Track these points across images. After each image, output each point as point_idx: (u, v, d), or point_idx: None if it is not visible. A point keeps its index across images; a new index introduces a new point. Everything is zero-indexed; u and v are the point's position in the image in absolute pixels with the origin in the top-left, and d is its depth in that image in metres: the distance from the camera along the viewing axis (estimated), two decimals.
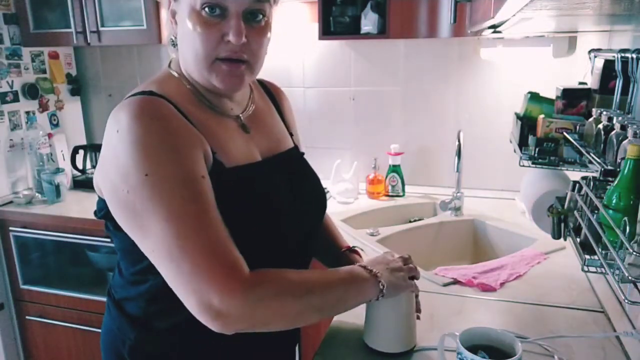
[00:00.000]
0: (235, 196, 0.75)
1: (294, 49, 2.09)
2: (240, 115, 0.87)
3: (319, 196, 0.96)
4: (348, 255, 1.01)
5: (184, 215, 0.66)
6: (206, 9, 0.73)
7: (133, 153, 0.67)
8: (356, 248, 1.04)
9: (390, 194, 1.95)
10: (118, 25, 1.96)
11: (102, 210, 0.77)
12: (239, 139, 0.83)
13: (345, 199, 1.92)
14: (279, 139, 0.94)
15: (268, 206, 0.80)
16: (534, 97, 1.35)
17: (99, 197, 0.79)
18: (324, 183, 2.03)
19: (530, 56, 1.78)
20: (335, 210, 1.80)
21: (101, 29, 1.97)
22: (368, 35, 1.75)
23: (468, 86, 1.92)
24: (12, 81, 2.07)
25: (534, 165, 1.14)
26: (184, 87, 0.81)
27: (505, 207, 1.78)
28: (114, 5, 1.95)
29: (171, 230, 0.66)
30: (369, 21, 1.73)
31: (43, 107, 2.22)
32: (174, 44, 0.82)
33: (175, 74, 0.82)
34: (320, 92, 2.12)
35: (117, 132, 0.68)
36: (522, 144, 1.28)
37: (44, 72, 2.22)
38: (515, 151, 1.30)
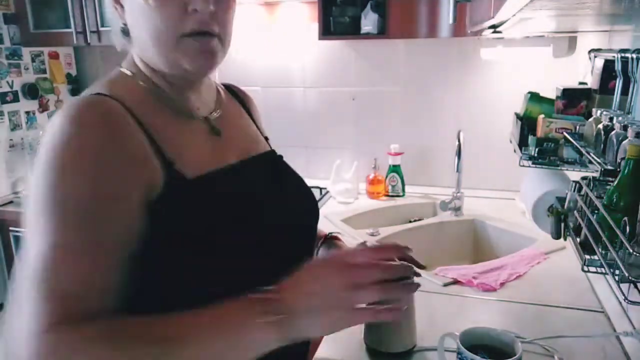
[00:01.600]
0: (204, 208, 0.65)
1: (294, 48, 2.09)
2: (209, 117, 0.76)
3: (306, 195, 0.86)
4: (330, 241, 0.92)
5: (71, 244, 0.56)
6: None
7: (48, 161, 0.58)
8: (335, 234, 0.94)
9: (390, 194, 1.95)
10: None
11: None
12: (206, 144, 0.73)
13: (345, 199, 1.92)
14: (256, 141, 0.86)
15: (250, 210, 0.70)
16: (534, 97, 1.35)
17: None
18: (324, 183, 2.04)
19: (531, 56, 1.78)
20: (335, 210, 1.80)
21: (101, 29, 1.97)
22: (368, 36, 1.75)
23: (468, 86, 1.92)
24: (12, 81, 2.07)
25: (534, 165, 1.14)
26: (140, 86, 0.70)
27: (506, 207, 1.78)
28: None
29: (51, 255, 0.55)
30: (369, 21, 1.73)
31: (43, 107, 2.23)
32: (126, 33, 0.70)
33: (129, 72, 0.71)
34: (321, 92, 2.12)
35: (45, 138, 0.60)
36: (522, 144, 1.28)
37: (44, 72, 2.23)
38: (515, 151, 1.30)
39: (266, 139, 0.91)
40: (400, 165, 1.94)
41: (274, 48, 2.10)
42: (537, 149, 1.15)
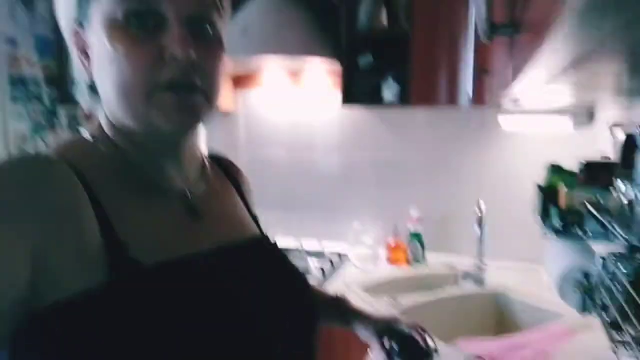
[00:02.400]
0: (163, 308, 0.50)
1: (317, 113, 2.15)
2: (187, 192, 0.63)
3: (301, 295, 0.68)
4: (338, 306, 0.89)
5: None
6: (133, 19, 0.52)
7: None
8: (341, 296, 0.89)
9: (411, 261, 1.91)
10: None
11: None
12: (177, 225, 0.59)
13: (365, 264, 1.89)
14: (241, 224, 0.71)
15: (220, 315, 0.53)
16: (556, 169, 1.34)
17: None
18: (344, 248, 2.02)
19: (551, 126, 1.79)
20: (354, 277, 1.77)
21: None
22: (389, 104, 1.79)
23: (488, 154, 1.93)
24: (48, 140, 2.17)
25: (557, 238, 1.12)
26: (101, 152, 0.57)
27: (530, 279, 1.72)
28: None
29: None
30: (390, 90, 1.78)
31: None
32: (93, 89, 0.58)
33: (89, 137, 0.59)
34: (342, 156, 2.15)
35: None
36: (545, 215, 1.26)
37: (79, 132, 2.32)
38: (538, 223, 1.28)
39: (255, 219, 0.77)
40: (421, 232, 1.92)
41: (297, 113, 2.17)
42: (560, 222, 1.13)
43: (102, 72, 0.54)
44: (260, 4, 1.81)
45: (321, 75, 2.09)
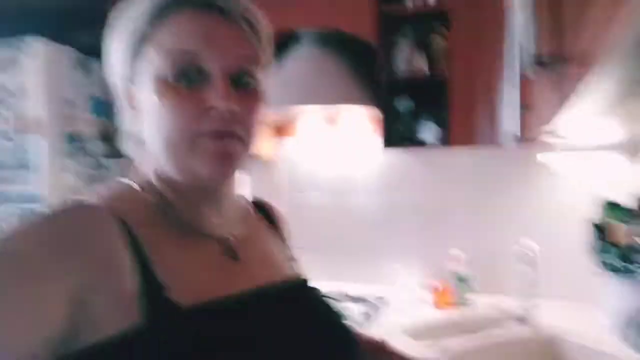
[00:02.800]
0: (203, 348, 0.51)
1: (357, 158, 2.17)
2: (227, 236, 0.66)
3: (341, 339, 0.67)
4: (380, 351, 0.85)
5: None
6: (180, 76, 0.56)
7: None
8: (384, 341, 0.87)
9: (456, 303, 1.85)
10: None
11: None
12: (216, 267, 0.62)
13: (408, 308, 1.85)
14: (280, 266, 0.72)
15: (264, 355, 0.55)
16: (611, 205, 1.30)
17: None
18: (386, 291, 1.98)
19: (598, 161, 1.75)
20: (397, 321, 1.73)
21: None
22: (429, 145, 1.79)
23: (534, 192, 1.88)
24: (97, 189, 2.27)
25: (616, 277, 1.07)
26: (145, 200, 0.61)
27: (584, 320, 1.63)
28: None
29: None
30: (429, 132, 1.78)
31: None
32: (139, 140, 0.62)
33: (135, 185, 0.62)
34: (383, 198, 2.14)
35: None
36: (602, 253, 1.21)
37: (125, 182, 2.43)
38: (593, 260, 1.23)
39: (294, 262, 0.80)
40: (466, 273, 1.86)
41: (337, 157, 2.19)
42: (619, 259, 1.08)
43: (149, 124, 0.58)
44: (299, 55, 1.88)
45: (360, 119, 2.12)
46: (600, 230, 1.24)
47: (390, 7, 1.81)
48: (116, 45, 0.61)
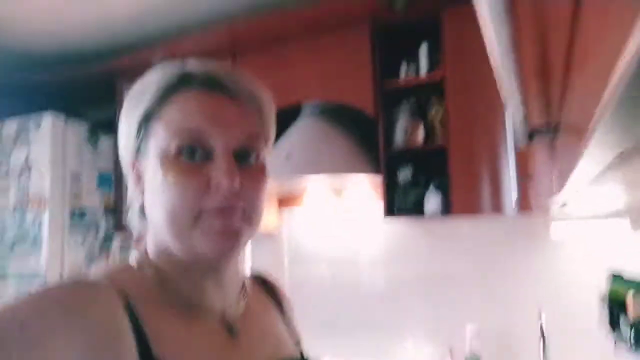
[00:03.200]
0: None
1: (360, 229, 2.16)
2: (226, 312, 0.65)
3: None
4: None
5: None
6: (184, 152, 0.56)
7: None
8: None
9: None
10: None
11: None
12: (216, 345, 0.61)
13: None
14: (280, 345, 0.71)
15: None
16: (618, 279, 1.26)
17: None
18: None
19: (606, 231, 1.72)
20: None
21: None
22: (432, 215, 1.79)
23: (542, 263, 1.84)
24: (100, 265, 2.25)
25: (632, 350, 1.02)
26: (144, 276, 0.61)
27: None
28: None
29: None
30: (432, 201, 1.78)
31: None
32: (142, 214, 0.63)
33: (135, 264, 0.62)
34: (388, 270, 2.10)
35: None
36: (614, 327, 1.16)
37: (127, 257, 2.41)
38: (607, 336, 1.18)
39: (297, 343, 0.78)
40: (479, 351, 1.78)
41: (341, 229, 2.18)
42: (632, 332, 1.04)
43: (153, 198, 0.59)
44: (301, 128, 1.93)
45: (363, 189, 2.13)
46: (611, 302, 1.20)
47: (389, 82, 1.87)
48: (125, 122, 0.62)
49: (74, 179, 2.17)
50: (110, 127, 2.35)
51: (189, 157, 0.56)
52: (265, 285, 0.79)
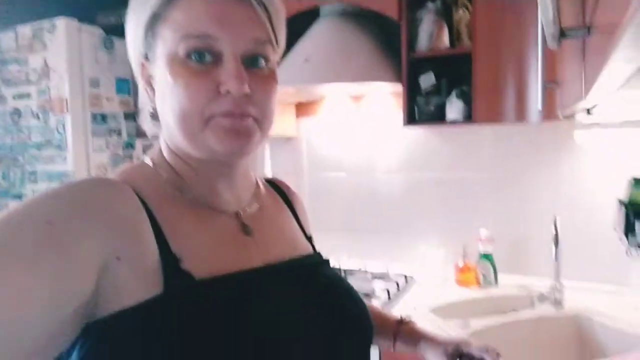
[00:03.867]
0: (215, 319, 0.53)
1: (380, 136, 2.15)
2: (240, 211, 0.67)
3: (354, 315, 0.68)
4: (404, 329, 0.88)
5: None
6: (193, 55, 0.56)
7: None
8: (407, 319, 0.90)
9: (482, 283, 1.84)
10: None
11: None
12: (230, 242, 0.63)
13: (434, 287, 1.85)
14: (292, 242, 0.73)
15: (269, 331, 0.56)
16: (638, 181, 1.26)
17: None
18: (411, 269, 1.98)
19: (631, 140, 1.69)
20: (423, 300, 1.73)
21: None
22: (453, 123, 1.76)
23: (563, 171, 1.84)
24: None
25: None
26: (158, 177, 0.62)
27: (613, 301, 1.61)
28: None
29: None
30: (454, 108, 1.75)
31: None
32: (154, 117, 0.64)
33: (150, 162, 0.64)
34: (406, 177, 2.13)
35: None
36: (629, 232, 1.18)
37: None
38: (621, 240, 1.20)
39: (309, 239, 0.80)
40: (491, 252, 1.85)
41: (360, 135, 2.18)
42: None
43: (163, 101, 0.59)
44: (319, 32, 1.86)
45: (383, 96, 2.10)
46: (629, 207, 1.20)
47: None
48: (132, 24, 0.62)
49: (93, 84, 2.17)
50: (124, 32, 2.30)
51: (198, 60, 0.56)
52: (277, 188, 0.81)
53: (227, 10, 0.56)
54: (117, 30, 2.31)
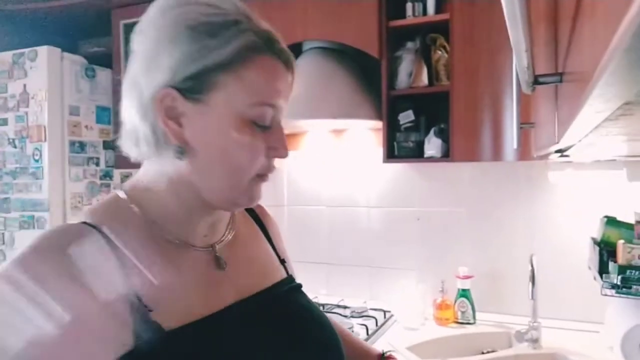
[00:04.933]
0: None
1: (359, 171, 2.17)
2: (216, 244, 0.67)
3: (325, 344, 0.69)
4: None
5: None
6: (259, 120, 0.60)
7: None
8: (389, 353, 0.88)
9: (460, 320, 1.84)
10: None
11: None
12: (202, 280, 0.63)
13: (411, 324, 1.83)
14: (265, 271, 0.74)
15: None
16: (611, 221, 1.29)
17: None
18: (389, 305, 1.96)
19: (603, 179, 1.74)
20: (400, 337, 1.71)
21: None
22: (432, 159, 1.79)
23: (538, 209, 1.87)
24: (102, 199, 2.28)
25: (618, 295, 1.06)
26: (135, 212, 0.62)
27: (589, 340, 1.61)
28: None
29: None
30: (432, 145, 1.78)
31: None
32: (182, 152, 0.60)
33: (122, 195, 0.64)
34: (385, 211, 2.14)
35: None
36: (603, 271, 1.19)
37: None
38: (595, 279, 1.21)
39: (282, 261, 0.81)
40: (469, 289, 1.85)
41: (340, 170, 2.19)
42: (620, 277, 1.07)
43: (216, 153, 0.59)
44: (301, 67, 1.89)
45: (363, 131, 2.12)
46: (601, 247, 1.23)
47: (394, 21, 1.82)
48: (177, 53, 0.57)
49: (72, 112, 2.15)
50: (106, 61, 2.31)
51: (262, 125, 0.60)
52: (250, 212, 0.82)
53: (286, 81, 0.62)
54: (99, 60, 2.31)
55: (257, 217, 0.82)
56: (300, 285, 0.78)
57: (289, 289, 0.75)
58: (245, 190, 0.62)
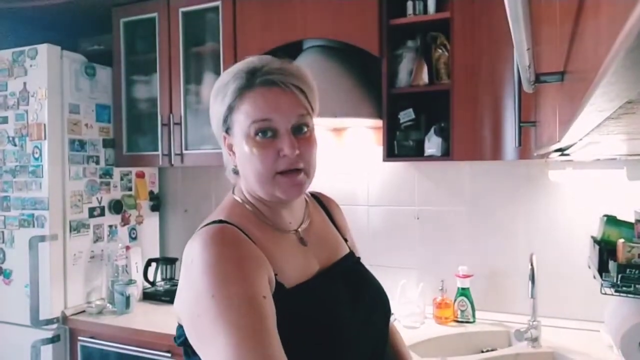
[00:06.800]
0: (296, 316, 0.78)
1: (360, 170, 2.17)
2: (298, 229, 0.93)
3: (383, 301, 0.98)
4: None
5: (244, 329, 0.68)
6: (259, 134, 0.83)
7: (204, 279, 0.73)
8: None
9: (460, 319, 1.84)
10: (199, 149, 2.15)
11: (181, 337, 0.81)
12: (297, 254, 0.90)
13: (411, 323, 1.83)
14: (335, 247, 1.00)
15: (330, 321, 0.82)
16: (611, 220, 1.29)
17: (178, 324, 0.83)
18: (389, 304, 1.96)
19: (603, 178, 1.74)
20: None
21: (184, 152, 2.16)
22: (432, 158, 1.79)
23: (538, 208, 1.87)
24: (101, 197, 2.27)
25: (617, 294, 1.06)
26: (247, 211, 0.89)
27: (588, 339, 1.62)
28: (197, 131, 2.16)
29: (232, 342, 0.67)
30: (432, 144, 1.78)
31: (125, 221, 2.39)
32: (236, 172, 0.91)
33: (239, 200, 0.90)
34: (384, 210, 2.14)
35: (191, 261, 0.76)
36: (602, 270, 1.20)
37: (130, 189, 2.43)
38: (595, 277, 1.21)
39: (346, 240, 1.05)
40: (469, 288, 1.85)
41: (340, 168, 2.19)
42: (619, 276, 1.07)
43: (244, 163, 0.87)
44: (304, 66, 1.89)
45: (364, 129, 2.12)
46: (601, 246, 1.23)
47: (395, 20, 1.82)
48: (215, 112, 0.89)
49: (72, 110, 2.15)
50: (106, 59, 2.30)
51: (263, 136, 0.83)
52: (318, 200, 1.07)
53: (279, 99, 0.83)
54: (99, 58, 2.31)
55: (324, 206, 1.07)
56: (359, 259, 1.04)
57: (352, 261, 1.00)
58: (273, 185, 0.84)
